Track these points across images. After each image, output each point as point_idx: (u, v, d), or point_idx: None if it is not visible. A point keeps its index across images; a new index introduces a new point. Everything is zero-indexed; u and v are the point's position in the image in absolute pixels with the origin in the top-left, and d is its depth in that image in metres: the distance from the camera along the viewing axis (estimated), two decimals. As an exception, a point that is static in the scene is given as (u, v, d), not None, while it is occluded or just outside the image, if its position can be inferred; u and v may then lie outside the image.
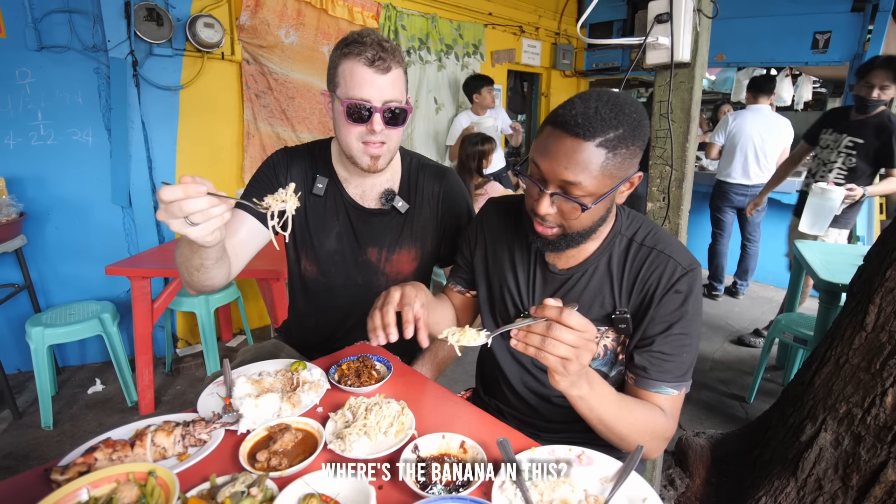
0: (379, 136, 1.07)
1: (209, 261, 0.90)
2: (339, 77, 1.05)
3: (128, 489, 0.66)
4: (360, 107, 1.03)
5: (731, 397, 2.62)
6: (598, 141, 0.77)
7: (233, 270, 1.06)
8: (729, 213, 3.89)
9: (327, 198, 1.21)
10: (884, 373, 1.31)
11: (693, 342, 0.90)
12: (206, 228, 0.74)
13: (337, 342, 1.28)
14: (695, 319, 0.90)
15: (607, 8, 5.16)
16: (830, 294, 2.08)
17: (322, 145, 1.25)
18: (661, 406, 0.89)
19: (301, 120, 3.38)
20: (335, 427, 0.85)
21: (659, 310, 0.88)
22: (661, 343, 0.88)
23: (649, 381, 0.89)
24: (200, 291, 1.04)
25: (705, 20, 1.38)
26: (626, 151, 0.79)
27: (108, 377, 2.71)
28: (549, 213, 0.83)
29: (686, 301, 0.88)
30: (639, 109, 0.81)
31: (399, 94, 1.07)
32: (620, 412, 0.83)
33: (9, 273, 2.56)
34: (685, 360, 0.89)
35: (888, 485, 1.25)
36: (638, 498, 0.71)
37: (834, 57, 3.99)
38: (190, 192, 0.69)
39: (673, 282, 0.88)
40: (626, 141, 0.79)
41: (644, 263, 0.91)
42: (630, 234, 0.95)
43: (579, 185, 0.78)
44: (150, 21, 2.55)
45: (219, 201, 0.73)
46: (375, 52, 1.01)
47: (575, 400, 0.79)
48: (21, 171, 2.54)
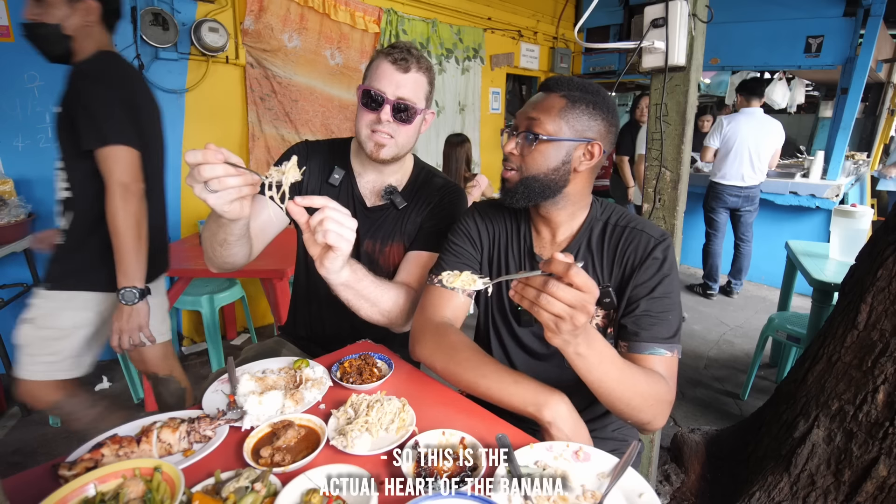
0: (385, 126, 1.13)
1: (232, 237, 0.96)
2: (369, 71, 1.16)
3: (134, 484, 0.66)
4: (373, 95, 1.12)
5: (726, 394, 2.64)
6: (562, 93, 0.94)
7: (253, 252, 1.12)
8: (722, 213, 3.92)
9: (341, 189, 1.26)
10: (875, 370, 1.33)
11: (676, 305, 0.94)
12: (224, 197, 0.78)
13: (337, 336, 1.30)
14: (674, 282, 0.95)
15: (604, 13, 5.19)
16: (823, 293, 2.10)
17: (342, 142, 1.32)
18: (658, 370, 0.90)
19: (304, 122, 3.41)
20: (337, 423, 0.85)
21: (640, 276, 0.95)
22: (647, 304, 0.93)
23: (641, 343, 0.91)
24: (221, 269, 1.10)
25: (700, 24, 1.40)
26: (584, 108, 0.93)
27: (114, 374, 2.74)
28: (512, 151, 0.96)
29: (663, 265, 0.94)
30: (608, 95, 0.97)
31: (413, 95, 1.13)
32: (622, 374, 0.81)
33: (17, 272, 2.58)
34: (671, 320, 0.93)
35: (879, 480, 1.27)
36: (634, 493, 0.71)
37: (826, 61, 4.03)
38: (209, 157, 0.74)
39: (649, 250, 0.95)
40: (586, 102, 0.93)
41: (620, 240, 0.99)
42: (604, 218, 1.03)
43: (538, 120, 0.93)
44: (155, 25, 2.58)
45: (236, 172, 0.77)
46: (401, 54, 1.12)
47: (573, 358, 0.76)
48: (30, 172, 2.57)
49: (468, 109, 4.60)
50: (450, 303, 1.08)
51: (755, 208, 3.86)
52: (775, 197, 4.06)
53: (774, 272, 4.28)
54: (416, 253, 1.23)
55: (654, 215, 1.55)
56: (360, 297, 1.09)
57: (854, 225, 2.31)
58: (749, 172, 3.69)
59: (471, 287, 0.80)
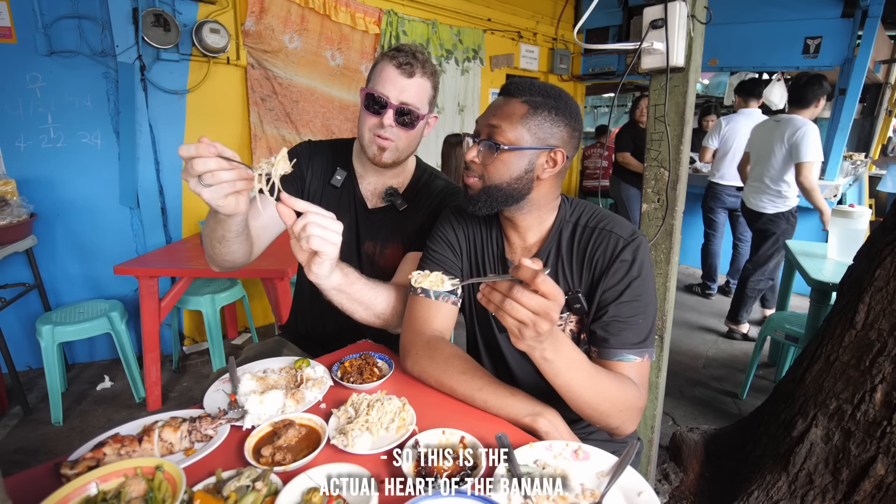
0: (388, 131, 1.12)
1: (230, 233, 0.96)
2: (371, 74, 1.15)
3: (136, 483, 0.66)
4: (376, 99, 1.11)
5: (724, 394, 2.64)
6: (523, 98, 0.91)
7: (254, 251, 1.12)
8: (721, 213, 3.93)
9: (343, 190, 1.27)
10: (873, 370, 1.33)
11: (647, 308, 0.92)
12: (218, 191, 0.79)
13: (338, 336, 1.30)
14: (645, 284, 0.92)
15: (603, 14, 5.19)
16: (821, 293, 2.10)
17: (345, 143, 1.31)
18: (629, 375, 0.89)
19: (305, 123, 3.41)
20: (338, 423, 0.85)
21: (608, 280, 0.92)
22: (615, 310, 0.91)
23: (610, 350, 0.90)
24: (223, 268, 1.10)
25: (699, 26, 1.40)
26: (546, 115, 0.90)
27: (116, 374, 2.74)
28: (473, 159, 0.93)
29: (632, 267, 0.91)
30: (570, 99, 0.94)
31: (417, 100, 1.13)
32: (591, 380, 0.81)
33: (20, 272, 2.60)
34: (641, 325, 0.91)
35: (877, 479, 1.27)
36: (633, 492, 0.71)
37: (824, 61, 4.04)
38: (202, 151, 0.74)
39: (617, 252, 0.92)
40: (548, 108, 0.90)
41: (589, 242, 0.96)
42: (574, 219, 1.00)
43: (499, 128, 0.90)
44: (157, 27, 2.59)
45: (229, 166, 0.77)
46: (406, 58, 1.10)
47: (539, 362, 0.77)
48: (32, 173, 2.58)
49: (468, 110, 4.61)
50: (437, 314, 1.06)
51: None
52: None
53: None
54: (414, 254, 1.22)
55: (653, 215, 1.56)
56: (353, 301, 1.08)
57: (852, 225, 2.31)
58: (748, 172, 3.70)
59: (439, 288, 0.81)
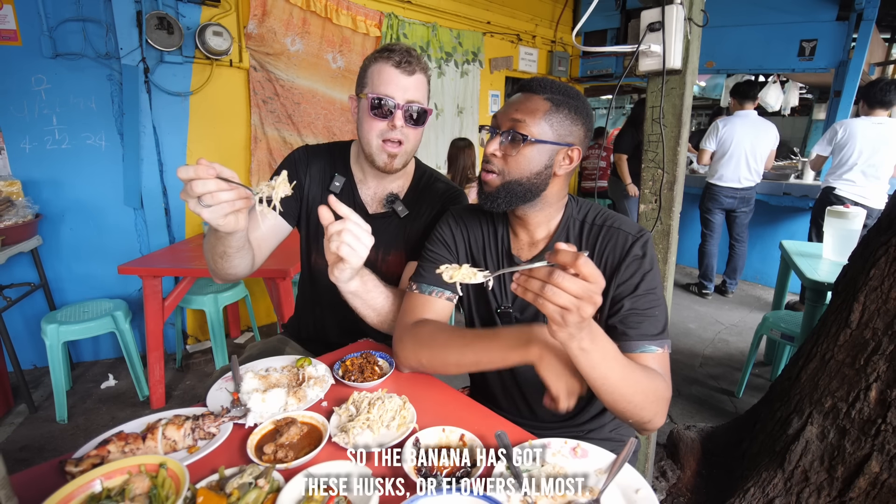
0: (398, 133, 1.11)
1: (231, 249, 0.96)
2: (367, 78, 1.12)
3: (139, 480, 0.67)
4: (383, 102, 1.09)
5: (721, 392, 2.66)
6: (546, 96, 0.92)
7: (256, 262, 1.12)
8: (718, 214, 3.95)
9: (342, 197, 1.23)
10: (868, 368, 1.34)
11: (660, 300, 0.93)
12: (217, 212, 0.79)
13: (339, 335, 1.31)
14: (656, 278, 0.93)
15: (601, 17, 5.23)
16: (816, 292, 2.11)
17: (342, 146, 1.29)
18: (652, 367, 0.88)
19: (306, 125, 3.43)
20: (339, 421, 0.86)
21: (621, 274, 0.93)
22: (632, 303, 0.91)
23: (631, 342, 0.89)
24: (225, 280, 1.10)
25: (696, 28, 1.41)
26: (567, 113, 0.92)
27: (120, 372, 2.76)
28: (495, 151, 0.93)
29: (643, 261, 0.93)
30: (585, 99, 0.97)
31: (421, 96, 1.13)
32: (625, 371, 0.78)
33: (25, 272, 2.62)
34: (658, 316, 0.91)
35: (872, 476, 1.28)
36: (631, 489, 0.72)
37: (820, 64, 4.07)
38: (200, 173, 0.75)
39: (628, 248, 0.94)
40: (568, 106, 0.92)
41: (598, 239, 0.97)
42: (581, 216, 1.02)
43: (523, 122, 0.90)
44: (160, 29, 2.61)
45: (228, 187, 0.78)
46: (403, 57, 1.09)
47: (576, 353, 0.74)
48: (37, 174, 2.60)
49: (466, 112, 4.63)
50: (429, 308, 1.05)
51: (750, 209, 3.88)
52: (769, 198, 4.11)
53: (769, 272, 4.33)
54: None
55: (651, 216, 1.57)
56: (368, 307, 1.09)
57: (847, 225, 2.33)
58: (745, 174, 3.71)
59: (471, 280, 0.78)
